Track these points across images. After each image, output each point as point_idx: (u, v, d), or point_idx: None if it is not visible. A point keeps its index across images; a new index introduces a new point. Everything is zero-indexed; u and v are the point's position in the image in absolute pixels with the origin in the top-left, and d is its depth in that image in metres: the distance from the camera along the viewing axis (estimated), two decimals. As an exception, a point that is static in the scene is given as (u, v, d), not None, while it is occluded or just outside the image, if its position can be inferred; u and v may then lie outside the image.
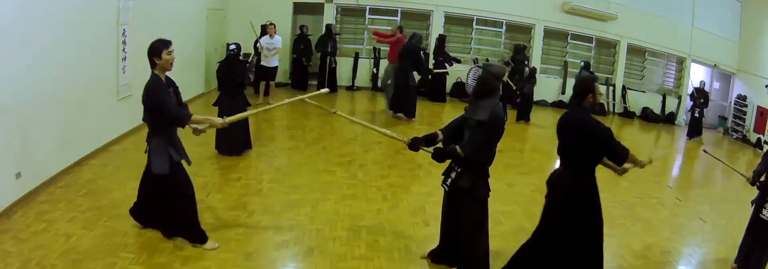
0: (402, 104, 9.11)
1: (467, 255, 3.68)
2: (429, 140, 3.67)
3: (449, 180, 3.61)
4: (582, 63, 10.68)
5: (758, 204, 4.12)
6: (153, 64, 3.82)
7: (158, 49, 3.78)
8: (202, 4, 9.90)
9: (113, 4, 6.27)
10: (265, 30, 10.19)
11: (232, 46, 6.28)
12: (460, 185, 3.51)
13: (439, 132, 3.69)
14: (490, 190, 3.59)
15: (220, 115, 6.30)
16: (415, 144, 3.64)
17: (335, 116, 4.24)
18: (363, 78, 12.26)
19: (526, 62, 11.56)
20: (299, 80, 11.46)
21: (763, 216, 4.00)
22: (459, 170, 3.54)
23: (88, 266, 3.57)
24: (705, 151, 5.50)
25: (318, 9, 12.23)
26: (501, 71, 3.46)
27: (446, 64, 11.15)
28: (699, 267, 4.48)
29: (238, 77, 6.26)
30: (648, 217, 5.43)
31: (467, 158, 3.43)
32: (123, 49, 6.55)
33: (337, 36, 11.40)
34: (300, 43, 11.31)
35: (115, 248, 3.85)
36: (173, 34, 8.86)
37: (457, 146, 3.45)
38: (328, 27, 11.35)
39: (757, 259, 4.10)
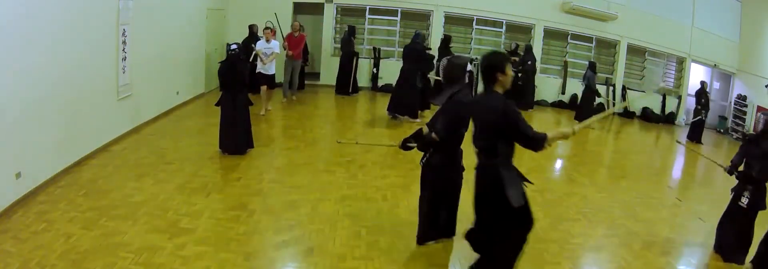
0: (404, 106, 9.08)
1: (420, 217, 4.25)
2: (417, 136, 4.06)
3: (425, 158, 4.07)
4: (588, 63, 10.72)
5: (737, 192, 4.40)
6: (493, 81, 3.23)
7: (502, 65, 3.24)
8: (202, 4, 9.89)
9: (113, 4, 6.27)
10: (252, 30, 10.12)
11: (234, 46, 6.27)
12: (432, 162, 4.01)
13: (425, 127, 4.05)
14: (460, 168, 4.06)
15: (223, 114, 6.33)
16: (403, 144, 4.08)
17: (334, 117, 4.38)
18: (363, 78, 12.25)
19: (530, 62, 11.57)
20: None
21: (742, 204, 4.30)
22: (432, 149, 3.99)
23: (88, 266, 3.58)
24: (679, 141, 5.87)
25: (318, 9, 12.23)
26: (463, 62, 3.96)
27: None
28: (699, 267, 4.47)
29: (239, 77, 6.25)
30: (648, 217, 5.43)
31: (441, 138, 3.83)
32: (123, 49, 6.55)
33: (353, 37, 11.38)
34: None
35: (115, 248, 3.85)
36: (173, 34, 8.95)
37: (432, 133, 3.86)
38: (352, 28, 11.28)
39: (732, 243, 4.39)
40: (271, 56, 8.54)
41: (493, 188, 3.25)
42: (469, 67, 4.00)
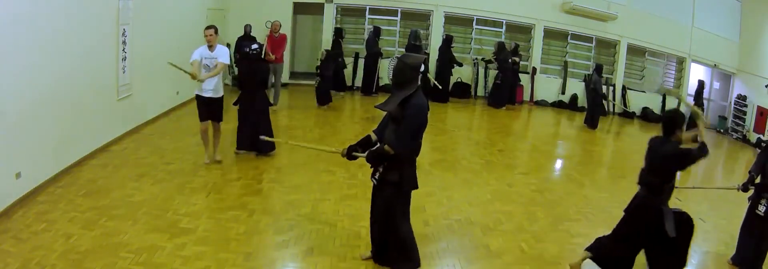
0: None
1: (396, 244, 3.71)
2: (364, 144, 3.66)
3: (378, 174, 3.60)
4: (594, 65, 10.72)
5: (754, 201, 4.23)
6: (671, 133, 3.70)
7: (682, 123, 3.72)
8: (202, 4, 9.90)
9: (113, 4, 6.27)
10: (246, 30, 9.59)
11: (254, 46, 6.23)
12: (389, 179, 3.52)
13: (372, 134, 3.68)
14: (416, 181, 3.64)
15: (241, 114, 6.26)
16: (349, 153, 3.63)
17: (333, 117, 4.26)
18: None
19: (509, 60, 11.37)
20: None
21: (759, 212, 4.12)
22: (386, 163, 3.53)
23: (88, 266, 3.58)
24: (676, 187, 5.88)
25: (318, 9, 12.23)
26: (417, 62, 3.43)
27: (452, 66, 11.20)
28: (699, 267, 4.47)
29: (259, 76, 6.24)
30: (648, 217, 5.42)
31: (397, 153, 3.43)
32: (123, 49, 6.56)
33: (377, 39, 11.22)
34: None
35: (115, 248, 3.85)
36: (173, 34, 8.95)
37: (385, 145, 3.46)
38: (377, 29, 11.13)
39: (753, 254, 4.19)
40: (214, 70, 5.69)
41: (653, 222, 3.70)
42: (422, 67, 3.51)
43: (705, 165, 8.94)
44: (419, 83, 3.45)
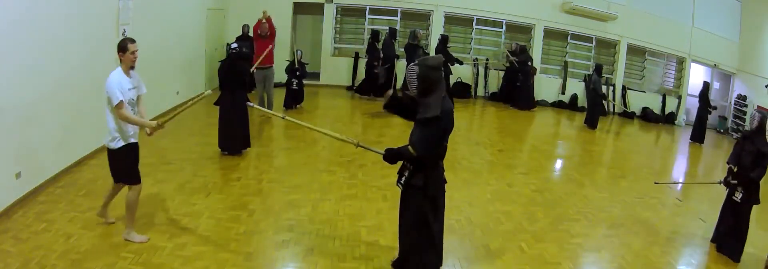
0: None
1: (404, 248, 3.64)
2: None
3: (403, 179, 3.52)
4: (594, 65, 10.73)
5: (731, 188, 4.72)
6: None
7: None
8: (202, 4, 9.90)
9: (113, 4, 6.27)
10: (244, 30, 9.39)
11: (234, 45, 6.26)
12: (414, 184, 3.43)
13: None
14: (444, 184, 3.55)
15: (222, 114, 6.32)
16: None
17: (333, 117, 4.22)
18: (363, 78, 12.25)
19: (529, 63, 11.57)
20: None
21: (735, 198, 4.62)
22: (411, 168, 3.46)
23: (88, 266, 3.58)
24: (656, 183, 6.12)
25: (318, 9, 12.23)
26: (437, 62, 3.32)
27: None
28: (699, 267, 4.48)
29: (239, 76, 6.25)
30: (648, 217, 5.43)
31: (420, 156, 3.34)
32: (123, 49, 6.55)
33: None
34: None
35: (115, 248, 3.85)
36: (173, 34, 8.93)
37: (409, 146, 3.35)
38: (393, 31, 11.04)
39: (730, 236, 4.61)
40: (143, 108, 4.31)
41: None
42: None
43: (705, 166, 8.95)
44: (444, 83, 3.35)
